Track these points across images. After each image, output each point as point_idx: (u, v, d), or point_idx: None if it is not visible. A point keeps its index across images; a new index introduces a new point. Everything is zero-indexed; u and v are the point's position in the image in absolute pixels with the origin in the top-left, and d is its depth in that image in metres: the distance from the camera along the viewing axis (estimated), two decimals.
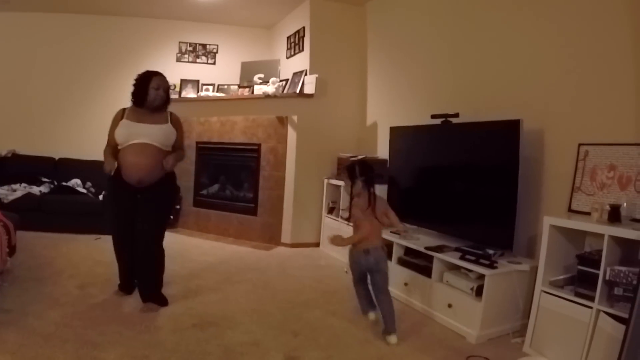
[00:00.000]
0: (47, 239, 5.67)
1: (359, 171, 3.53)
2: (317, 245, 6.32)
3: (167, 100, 3.84)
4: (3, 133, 7.04)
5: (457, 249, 3.93)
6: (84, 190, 6.57)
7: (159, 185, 3.78)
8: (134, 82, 3.79)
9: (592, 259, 2.89)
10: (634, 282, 2.57)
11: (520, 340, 3.39)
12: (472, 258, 3.65)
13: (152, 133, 3.70)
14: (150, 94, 3.71)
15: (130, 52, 7.34)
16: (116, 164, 3.63)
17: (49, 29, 7.21)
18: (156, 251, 3.88)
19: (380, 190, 5.26)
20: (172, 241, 6.10)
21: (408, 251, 4.39)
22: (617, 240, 2.77)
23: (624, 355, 2.40)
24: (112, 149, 3.72)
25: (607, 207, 2.93)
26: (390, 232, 4.26)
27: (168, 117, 3.87)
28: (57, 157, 7.03)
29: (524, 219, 3.68)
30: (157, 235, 3.88)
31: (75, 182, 6.71)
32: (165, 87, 3.81)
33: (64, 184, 6.63)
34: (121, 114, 3.75)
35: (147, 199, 3.75)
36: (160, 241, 3.90)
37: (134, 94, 3.77)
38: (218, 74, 7.67)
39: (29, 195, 6.13)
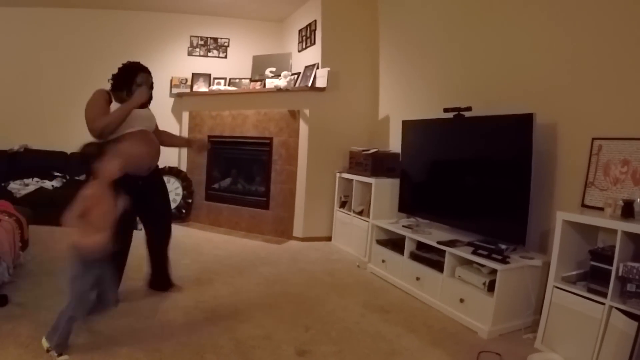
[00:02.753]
0: (59, 233, 5.68)
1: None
2: (329, 239, 6.32)
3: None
4: (15, 128, 7.11)
5: (469, 244, 3.91)
6: None
7: (156, 170, 3.84)
8: (118, 73, 3.65)
9: (605, 255, 2.86)
10: None
11: (532, 336, 3.37)
12: (485, 253, 3.64)
13: (147, 118, 3.70)
14: (134, 90, 3.58)
15: (142, 46, 7.34)
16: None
17: (60, 24, 7.25)
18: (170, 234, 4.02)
19: (393, 184, 5.31)
20: (184, 235, 6.17)
21: (420, 245, 4.38)
22: (630, 236, 2.74)
23: (636, 351, 2.39)
24: None
25: (621, 203, 2.90)
26: None
27: None
28: (69, 152, 7.04)
29: (536, 213, 3.66)
30: (171, 217, 4.06)
31: None
32: (150, 83, 3.70)
33: (77, 178, 6.68)
34: (108, 97, 3.51)
35: (154, 184, 3.79)
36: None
37: (120, 81, 3.62)
38: (230, 68, 7.67)
39: (41, 190, 6.20)
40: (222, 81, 7.33)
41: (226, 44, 7.82)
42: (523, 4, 4.09)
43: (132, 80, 3.59)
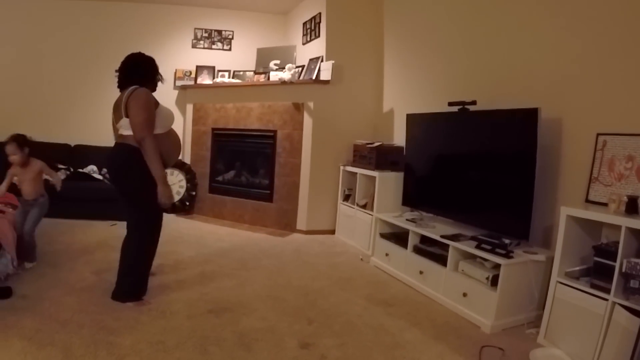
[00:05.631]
0: (63, 225, 5.74)
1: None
2: (333, 232, 6.33)
3: None
4: (19, 120, 7.08)
5: (473, 238, 3.91)
6: (100, 177, 6.61)
7: None
8: (149, 63, 3.66)
9: (608, 251, 2.86)
10: None
11: (534, 331, 3.38)
12: (488, 247, 3.64)
13: None
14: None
15: (146, 38, 7.32)
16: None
17: (63, 15, 7.24)
18: None
19: (397, 177, 5.30)
20: (188, 227, 6.19)
21: (424, 239, 4.39)
22: (634, 232, 2.74)
23: (639, 348, 2.38)
24: None
25: (625, 199, 2.90)
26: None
27: None
28: (72, 144, 7.08)
29: (540, 208, 3.66)
30: None
31: (91, 169, 6.76)
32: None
33: (80, 170, 6.69)
34: (153, 98, 3.50)
35: None
36: None
37: (154, 76, 3.70)
38: (234, 60, 7.67)
39: (44, 182, 6.18)
40: (226, 74, 7.34)
41: (230, 37, 7.81)
42: None
43: (157, 74, 3.71)
